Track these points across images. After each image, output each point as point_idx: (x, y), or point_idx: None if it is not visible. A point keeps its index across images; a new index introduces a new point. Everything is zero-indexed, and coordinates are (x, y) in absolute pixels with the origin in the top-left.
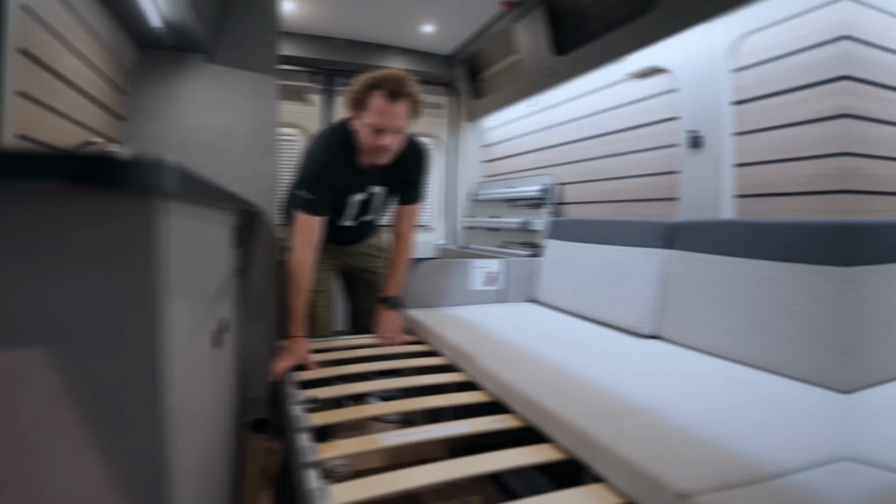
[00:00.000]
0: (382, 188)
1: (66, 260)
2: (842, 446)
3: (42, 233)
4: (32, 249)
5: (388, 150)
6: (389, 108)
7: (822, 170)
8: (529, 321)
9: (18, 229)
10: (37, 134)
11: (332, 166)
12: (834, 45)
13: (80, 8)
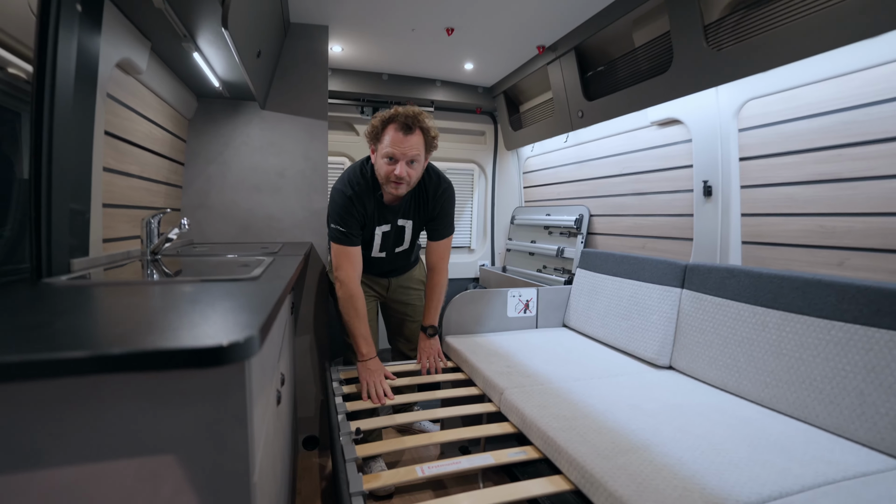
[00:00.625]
0: (408, 221)
1: (188, 398)
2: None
3: (172, 383)
4: (166, 393)
5: (402, 181)
6: (402, 139)
7: (809, 224)
8: (559, 348)
9: (156, 383)
10: (115, 199)
11: (354, 198)
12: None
13: (151, 82)
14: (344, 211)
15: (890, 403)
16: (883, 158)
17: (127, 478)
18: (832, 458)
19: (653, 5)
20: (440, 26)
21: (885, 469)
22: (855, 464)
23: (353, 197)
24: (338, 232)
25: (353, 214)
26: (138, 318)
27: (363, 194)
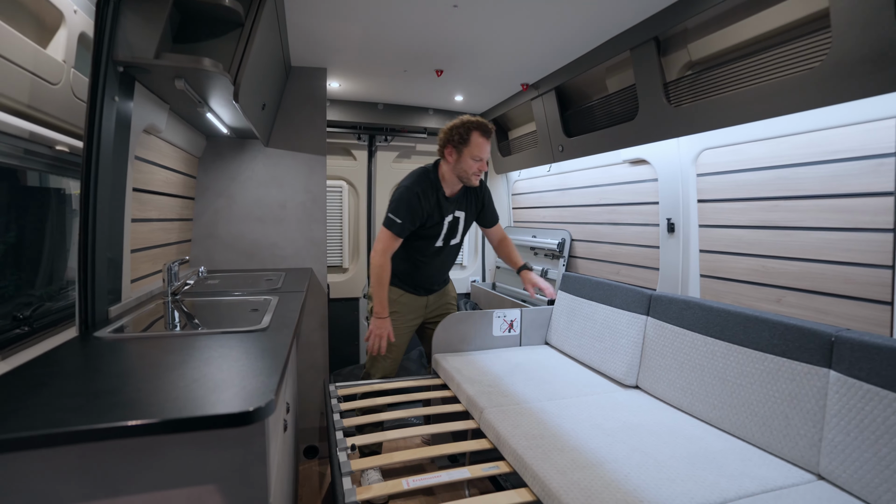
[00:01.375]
0: (462, 213)
1: (224, 444)
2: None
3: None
4: (208, 441)
5: (480, 173)
6: (484, 142)
7: (753, 264)
8: (538, 367)
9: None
10: (139, 243)
11: (421, 194)
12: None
13: (167, 135)
14: (409, 205)
15: (808, 426)
16: (811, 212)
17: (179, 502)
18: (758, 473)
19: (623, 57)
20: (430, 68)
21: (800, 483)
22: (776, 478)
23: (420, 193)
24: (393, 222)
25: (415, 209)
26: (182, 381)
27: (428, 191)
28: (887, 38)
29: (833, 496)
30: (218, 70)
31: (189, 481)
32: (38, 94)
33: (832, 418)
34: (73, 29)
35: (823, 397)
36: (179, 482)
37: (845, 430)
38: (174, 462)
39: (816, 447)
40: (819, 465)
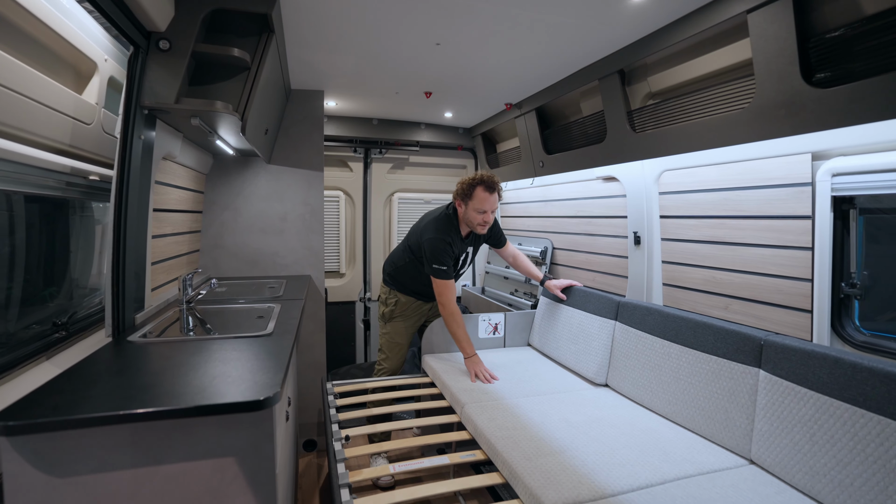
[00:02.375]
0: (471, 247)
1: (241, 425)
2: (660, 476)
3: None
4: (229, 422)
5: (488, 224)
6: (488, 196)
7: (706, 275)
8: (518, 367)
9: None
10: (157, 256)
11: (451, 242)
12: (712, 193)
13: (180, 159)
14: (445, 254)
15: (742, 419)
16: (750, 230)
17: (206, 470)
18: (698, 458)
19: (594, 84)
20: (419, 91)
21: (733, 466)
22: (713, 462)
23: (450, 242)
24: (439, 271)
25: (450, 254)
26: (206, 376)
27: (454, 236)
28: (794, 89)
29: (757, 476)
30: (228, 111)
31: (214, 454)
32: (76, 134)
33: (761, 411)
34: (104, 75)
35: (755, 393)
36: (206, 455)
37: (770, 421)
38: (202, 439)
39: (749, 436)
40: (751, 452)
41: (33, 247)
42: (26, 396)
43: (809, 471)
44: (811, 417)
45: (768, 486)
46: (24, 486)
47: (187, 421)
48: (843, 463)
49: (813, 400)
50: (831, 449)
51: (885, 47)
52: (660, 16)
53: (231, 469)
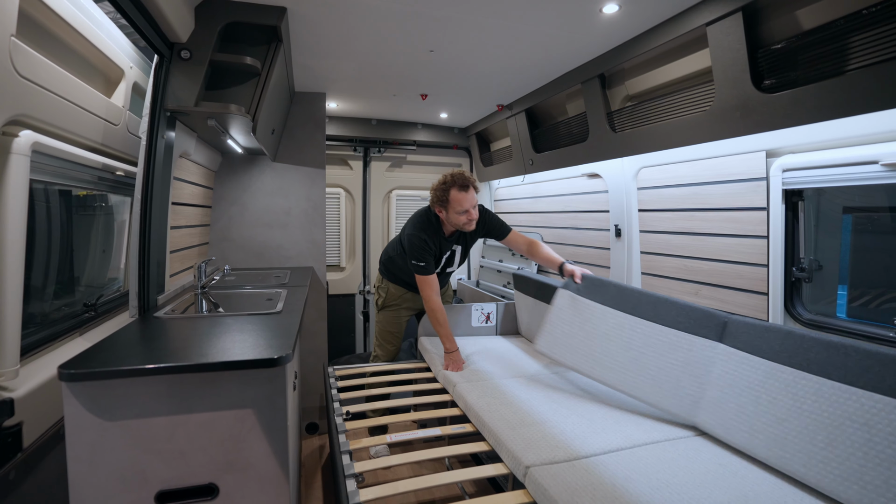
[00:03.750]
0: (459, 246)
1: (259, 380)
2: (630, 441)
3: (252, 373)
4: (249, 378)
5: (473, 220)
6: (464, 196)
7: (678, 264)
8: (507, 352)
9: (245, 372)
10: (174, 246)
11: (428, 240)
12: (683, 188)
13: (194, 157)
14: (423, 250)
15: (695, 386)
16: (716, 222)
17: (229, 418)
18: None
19: (577, 87)
20: (416, 93)
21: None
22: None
23: (427, 239)
24: (418, 266)
25: (428, 251)
26: (227, 341)
27: (433, 234)
28: (746, 94)
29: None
30: (241, 113)
31: (236, 405)
32: (107, 134)
33: (715, 380)
34: (129, 80)
35: (711, 364)
36: (230, 405)
37: (721, 388)
38: (226, 392)
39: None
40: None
41: (66, 238)
42: (79, 355)
43: (749, 430)
44: (759, 382)
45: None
46: (80, 427)
47: (214, 375)
48: (780, 420)
49: (763, 367)
50: (772, 409)
51: (821, 58)
52: (631, 26)
53: (250, 419)
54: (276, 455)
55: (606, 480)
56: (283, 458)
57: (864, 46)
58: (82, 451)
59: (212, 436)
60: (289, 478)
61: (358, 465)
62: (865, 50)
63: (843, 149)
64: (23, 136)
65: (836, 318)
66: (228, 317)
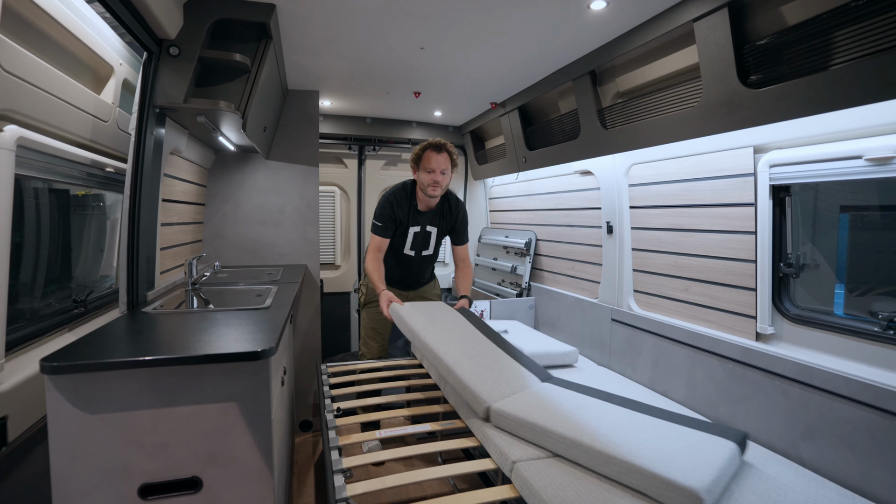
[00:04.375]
0: (434, 228)
1: (242, 373)
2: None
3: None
4: (233, 371)
5: (437, 185)
6: (436, 156)
7: (669, 260)
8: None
9: (229, 365)
10: (165, 243)
11: (395, 203)
12: (672, 185)
13: (185, 154)
14: (384, 210)
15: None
16: (705, 218)
17: (213, 412)
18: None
19: (569, 85)
20: (409, 91)
21: None
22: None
23: (392, 202)
24: (376, 226)
25: (389, 214)
26: (213, 335)
27: (401, 201)
28: (733, 90)
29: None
30: (230, 110)
31: (219, 399)
32: (96, 130)
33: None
34: (119, 77)
35: None
36: (213, 399)
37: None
38: (210, 385)
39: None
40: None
41: (55, 235)
42: (62, 348)
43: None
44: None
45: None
46: (63, 420)
47: (197, 368)
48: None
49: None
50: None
51: (806, 53)
52: (619, 23)
53: (234, 412)
54: (260, 449)
55: (592, 476)
56: (267, 451)
57: (848, 42)
58: (65, 444)
59: (195, 429)
60: (273, 471)
61: (346, 460)
62: (849, 45)
63: (829, 144)
64: (7, 130)
65: (819, 314)
66: (216, 312)
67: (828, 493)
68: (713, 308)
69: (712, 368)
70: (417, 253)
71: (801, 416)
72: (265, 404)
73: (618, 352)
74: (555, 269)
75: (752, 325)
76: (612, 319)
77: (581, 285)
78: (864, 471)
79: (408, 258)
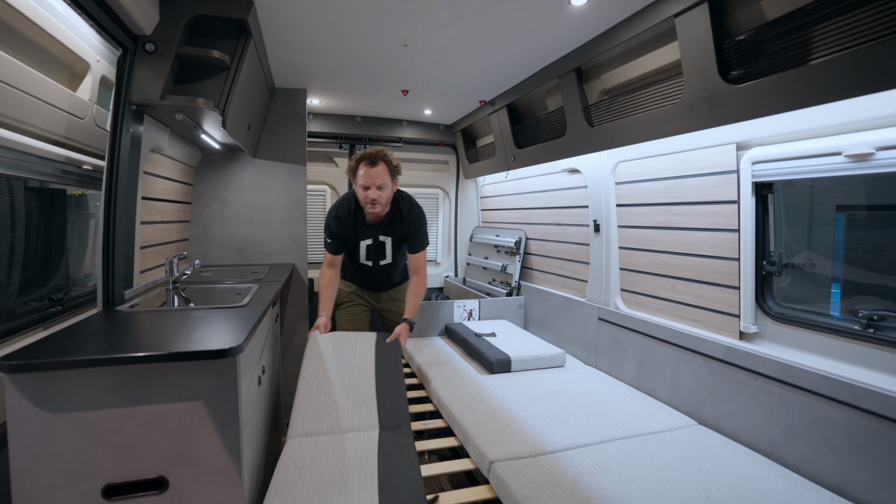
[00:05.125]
0: (388, 238)
1: (209, 372)
2: (596, 437)
3: (202, 364)
4: (199, 369)
5: (376, 202)
6: (370, 171)
7: (655, 259)
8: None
9: (195, 364)
10: (146, 241)
11: (339, 218)
12: (657, 182)
13: (169, 152)
14: (329, 227)
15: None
16: (689, 216)
17: (180, 411)
18: (639, 424)
19: (555, 82)
20: (396, 89)
21: (655, 432)
22: (638, 427)
23: (336, 217)
24: (325, 241)
25: (334, 230)
26: (184, 334)
27: (344, 216)
28: (714, 85)
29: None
30: (209, 107)
31: (186, 397)
32: (71, 127)
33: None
34: (97, 74)
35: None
36: (180, 398)
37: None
38: (177, 384)
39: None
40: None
41: (31, 234)
42: (25, 346)
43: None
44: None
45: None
46: (23, 419)
47: (162, 367)
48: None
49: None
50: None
51: (785, 48)
52: (601, 19)
53: (201, 411)
54: (228, 448)
55: (570, 476)
56: (235, 451)
57: (826, 36)
58: (25, 443)
59: (161, 428)
60: (242, 472)
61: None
62: (827, 40)
63: (810, 140)
64: None
65: (802, 312)
66: (190, 311)
67: (807, 493)
68: (698, 307)
69: (696, 368)
70: (375, 263)
71: (783, 415)
72: (233, 403)
73: (605, 351)
74: (544, 268)
75: (736, 324)
76: (600, 319)
77: (570, 284)
78: (843, 471)
79: (367, 267)
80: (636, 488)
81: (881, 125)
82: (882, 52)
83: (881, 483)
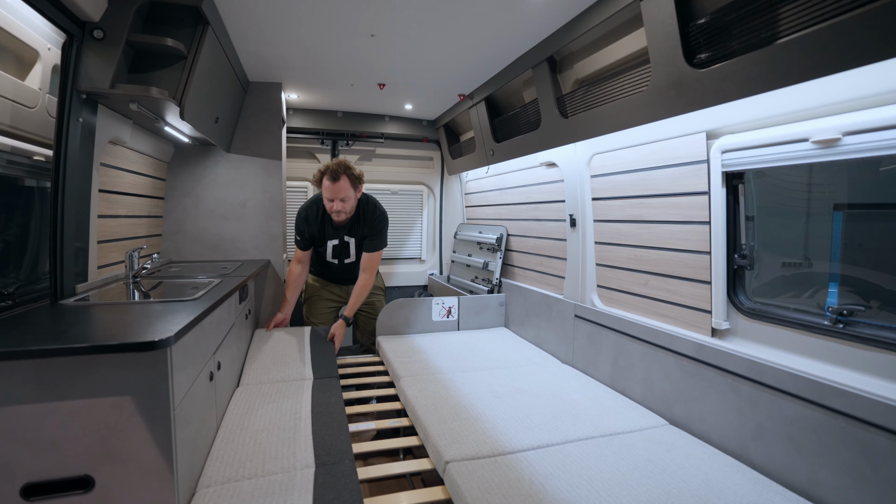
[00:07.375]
0: (351, 238)
1: (139, 365)
2: (561, 436)
3: (131, 357)
4: (127, 362)
5: (339, 212)
6: (332, 186)
7: (629, 253)
8: (464, 348)
9: (123, 357)
10: (108, 235)
11: (307, 219)
12: (631, 174)
13: (134, 145)
14: (297, 225)
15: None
16: (661, 208)
17: (107, 406)
18: (608, 423)
19: (530, 73)
20: (372, 83)
21: (623, 432)
22: (606, 427)
23: (305, 218)
24: (295, 239)
25: (303, 229)
26: (118, 326)
27: (312, 217)
28: (679, 70)
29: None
30: (164, 96)
31: (113, 392)
32: (17, 116)
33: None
34: (48, 62)
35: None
36: (106, 392)
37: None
38: (103, 378)
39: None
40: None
41: None
42: None
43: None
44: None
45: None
46: None
47: (87, 360)
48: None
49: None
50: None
51: (748, 30)
52: (568, 6)
53: (129, 407)
54: (159, 446)
55: (525, 477)
56: (166, 449)
57: (788, 16)
58: None
59: (86, 424)
60: (174, 471)
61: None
62: (788, 20)
63: (778, 127)
64: None
65: (773, 308)
66: (137, 304)
67: (772, 496)
68: (671, 303)
69: (668, 366)
70: (340, 261)
71: (752, 414)
72: (163, 398)
73: (581, 349)
74: (524, 265)
75: (709, 320)
76: (576, 316)
77: (548, 281)
78: (809, 473)
79: (332, 264)
80: (593, 490)
81: (847, 109)
82: (840, 30)
83: (846, 485)
